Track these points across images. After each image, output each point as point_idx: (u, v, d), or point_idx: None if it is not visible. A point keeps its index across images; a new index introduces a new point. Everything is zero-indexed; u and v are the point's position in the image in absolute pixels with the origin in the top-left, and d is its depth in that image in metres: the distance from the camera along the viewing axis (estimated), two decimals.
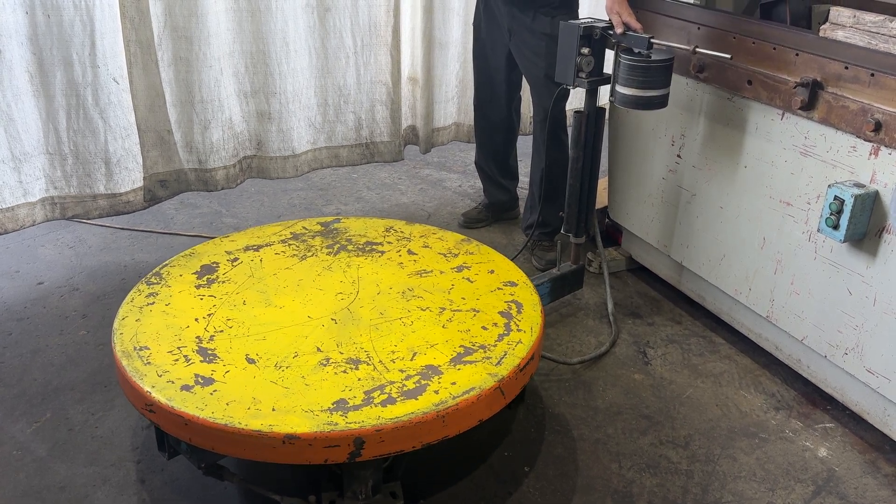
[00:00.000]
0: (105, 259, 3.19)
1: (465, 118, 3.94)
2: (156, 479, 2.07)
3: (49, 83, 2.76)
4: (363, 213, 3.67)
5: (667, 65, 2.35)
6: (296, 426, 1.63)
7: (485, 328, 2.02)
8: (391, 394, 1.74)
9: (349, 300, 2.12)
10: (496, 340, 1.97)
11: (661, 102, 2.41)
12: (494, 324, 2.04)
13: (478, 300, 2.15)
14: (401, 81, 3.58)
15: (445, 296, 2.17)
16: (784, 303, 2.43)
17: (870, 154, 2.09)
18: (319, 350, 1.89)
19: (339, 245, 2.41)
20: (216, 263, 2.27)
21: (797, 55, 2.24)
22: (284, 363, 1.84)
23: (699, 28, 2.56)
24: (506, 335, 1.99)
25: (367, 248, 2.40)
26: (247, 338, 1.93)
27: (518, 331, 2.02)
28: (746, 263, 2.54)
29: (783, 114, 2.32)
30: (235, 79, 3.20)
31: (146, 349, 1.86)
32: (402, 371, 1.82)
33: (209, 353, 1.86)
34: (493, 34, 3.11)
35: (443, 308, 2.10)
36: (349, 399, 1.72)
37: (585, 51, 2.43)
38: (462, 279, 2.26)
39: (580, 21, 2.46)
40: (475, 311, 2.10)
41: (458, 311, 2.09)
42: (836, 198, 2.09)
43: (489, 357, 1.90)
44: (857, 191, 2.06)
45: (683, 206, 2.76)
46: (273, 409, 1.68)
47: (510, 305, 2.13)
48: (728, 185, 2.56)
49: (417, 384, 1.78)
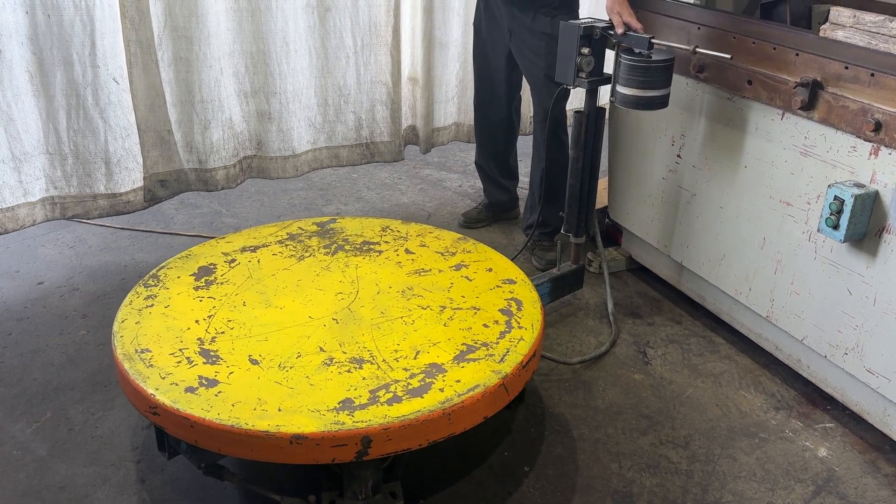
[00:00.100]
0: (105, 259, 3.19)
1: (466, 118, 3.93)
2: (156, 479, 2.07)
3: (49, 83, 2.76)
4: (363, 213, 3.67)
5: (667, 65, 2.35)
6: (303, 426, 1.63)
7: (486, 326, 2.03)
8: (396, 392, 1.74)
9: (349, 300, 2.12)
10: (498, 338, 1.98)
11: (662, 103, 2.41)
12: (495, 321, 2.05)
13: (477, 298, 2.16)
14: (401, 81, 3.58)
15: (445, 294, 2.17)
16: (784, 303, 2.43)
17: (870, 154, 2.09)
18: (322, 350, 1.89)
19: (337, 245, 2.41)
20: (213, 265, 2.27)
21: (797, 55, 2.24)
22: (288, 363, 1.84)
23: (699, 28, 2.56)
24: (507, 332, 2.00)
25: (365, 248, 2.40)
26: (249, 339, 1.93)
27: (519, 328, 2.02)
28: (746, 263, 2.54)
29: (783, 114, 2.32)
30: (236, 79, 3.20)
31: (148, 351, 1.86)
32: (407, 370, 1.83)
33: (212, 355, 1.86)
34: (494, 34, 3.10)
35: (443, 306, 2.11)
36: (355, 398, 1.72)
37: (585, 51, 2.43)
38: (461, 277, 2.26)
39: (580, 21, 2.47)
40: (475, 309, 2.10)
41: (459, 310, 2.09)
42: (836, 198, 2.09)
43: (492, 354, 1.90)
44: (857, 191, 2.06)
45: (683, 206, 2.76)
46: (279, 410, 1.68)
47: (510, 303, 2.14)
48: (728, 185, 2.56)
49: (422, 382, 1.78)
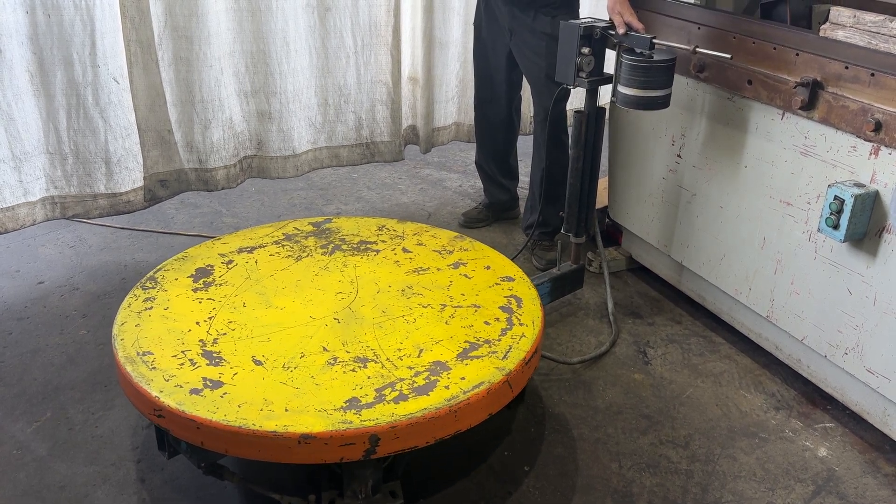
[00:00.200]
0: (105, 258, 3.19)
1: (466, 118, 3.94)
2: (156, 479, 2.07)
3: (49, 83, 2.76)
4: (364, 213, 3.67)
5: (669, 65, 2.35)
6: (311, 426, 1.63)
7: (487, 323, 2.04)
8: (402, 391, 1.75)
9: (350, 299, 2.12)
10: (500, 335, 1.99)
11: (664, 103, 2.41)
12: (496, 318, 2.06)
13: (477, 296, 2.16)
14: (401, 81, 3.58)
15: (445, 292, 2.17)
16: (784, 303, 2.43)
17: (870, 154, 2.09)
18: (326, 350, 1.89)
19: (334, 245, 2.41)
20: (211, 266, 2.26)
21: (797, 55, 2.24)
22: (292, 364, 1.84)
23: (699, 28, 2.56)
24: (509, 329, 2.01)
25: (362, 248, 2.40)
26: (251, 340, 1.93)
27: (520, 325, 2.04)
28: (746, 263, 2.54)
29: (783, 113, 2.32)
30: (236, 78, 3.20)
31: (150, 354, 1.85)
32: (411, 368, 1.84)
33: (215, 356, 1.85)
34: (494, 34, 3.11)
35: (444, 305, 2.11)
36: (361, 397, 1.72)
37: (586, 50, 2.43)
38: (459, 275, 2.27)
39: (581, 21, 2.46)
40: (476, 307, 2.11)
41: (460, 308, 2.10)
42: (837, 197, 2.09)
43: (495, 351, 1.92)
44: (858, 190, 2.06)
45: (683, 206, 2.76)
46: (286, 410, 1.68)
47: (510, 300, 2.15)
48: (728, 185, 2.56)
49: (427, 380, 1.79)
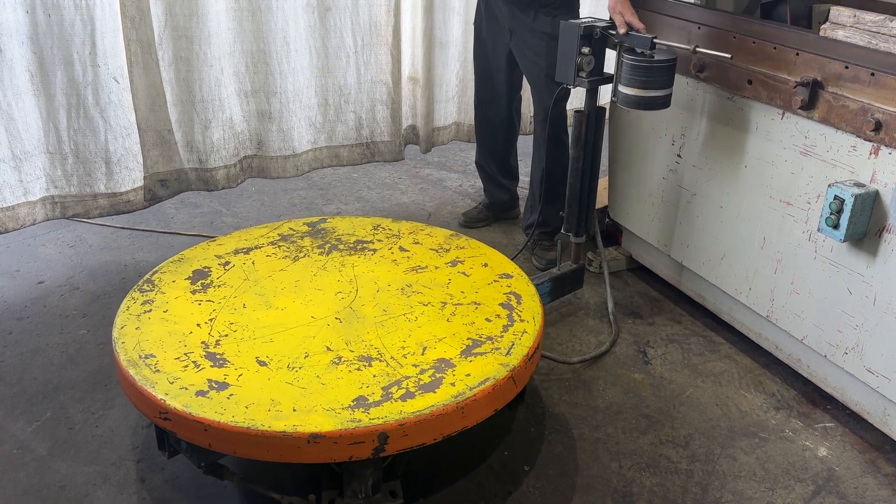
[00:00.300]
0: (105, 258, 3.19)
1: (466, 118, 3.94)
2: (156, 478, 2.07)
3: (49, 82, 2.76)
4: (364, 213, 3.67)
5: (670, 65, 2.35)
6: (319, 425, 1.63)
7: (488, 320, 2.05)
8: (409, 388, 1.76)
9: (350, 299, 2.12)
10: (502, 331, 2.00)
11: (664, 103, 2.41)
12: (497, 315, 2.07)
13: (476, 293, 2.17)
14: (401, 81, 3.58)
15: (444, 290, 2.18)
16: (784, 302, 2.43)
17: (870, 153, 2.09)
18: (329, 349, 1.90)
19: (330, 245, 2.41)
20: (208, 268, 2.26)
21: (797, 55, 2.24)
22: (297, 364, 1.84)
23: (699, 28, 2.56)
24: (510, 326, 2.02)
25: (359, 247, 2.40)
26: (254, 340, 1.93)
27: (521, 321, 2.05)
28: (746, 263, 2.54)
29: (783, 113, 2.32)
30: (236, 78, 3.20)
31: (152, 357, 1.84)
32: (416, 366, 1.84)
33: (218, 358, 1.85)
34: (494, 34, 3.11)
35: (444, 302, 2.12)
36: (368, 396, 1.73)
37: (586, 50, 2.43)
38: (458, 273, 2.27)
39: (581, 20, 2.46)
40: (476, 304, 2.12)
41: (460, 305, 2.11)
42: (837, 197, 2.09)
43: (498, 348, 1.93)
44: (858, 190, 2.06)
45: (684, 206, 2.76)
46: (294, 410, 1.68)
47: (509, 297, 2.16)
48: (728, 185, 2.56)
49: (433, 378, 1.80)
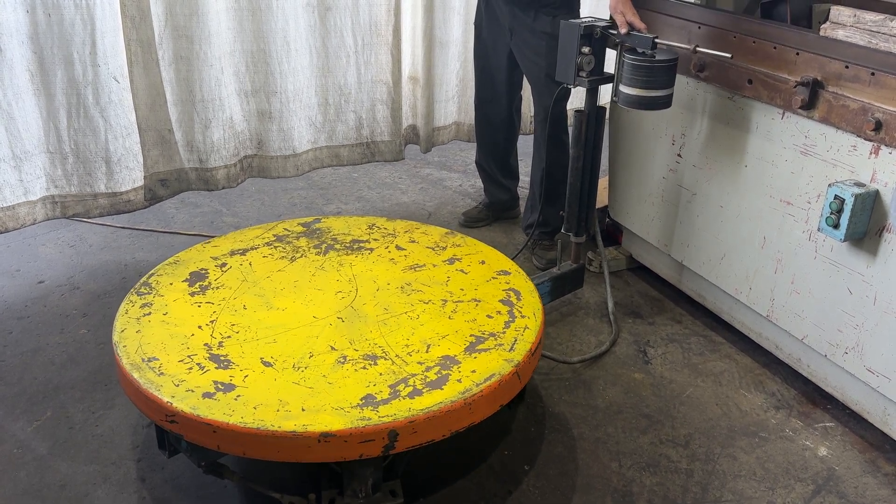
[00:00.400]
0: (106, 258, 3.19)
1: (466, 117, 3.94)
2: (156, 478, 2.07)
3: (50, 82, 2.76)
4: (364, 213, 3.67)
5: (671, 65, 2.35)
6: (329, 424, 1.63)
7: (490, 317, 2.06)
8: (416, 386, 1.77)
9: (350, 298, 2.12)
10: (504, 328, 2.01)
11: (665, 102, 2.41)
12: (498, 312, 2.08)
13: (476, 290, 2.18)
14: (401, 80, 3.58)
15: (444, 288, 2.19)
16: (784, 302, 2.43)
17: (870, 153, 2.09)
18: (334, 349, 1.90)
19: (327, 245, 2.41)
20: (205, 270, 2.25)
21: (798, 54, 2.24)
22: (302, 364, 1.84)
23: (700, 27, 2.56)
24: (512, 322, 2.03)
25: (355, 247, 2.40)
26: (257, 341, 1.92)
27: (522, 317, 2.06)
28: (747, 263, 2.54)
29: (783, 113, 2.32)
30: (236, 78, 3.20)
31: (155, 360, 1.84)
32: (421, 363, 1.85)
33: (222, 360, 1.85)
34: (495, 34, 3.10)
35: (445, 300, 2.13)
36: (376, 394, 1.74)
37: (586, 50, 2.43)
38: (456, 271, 2.28)
39: (581, 20, 2.46)
40: (476, 301, 2.13)
41: (461, 302, 2.12)
42: (837, 197, 2.09)
43: (501, 344, 1.94)
44: (858, 190, 2.06)
45: (684, 206, 2.76)
46: (303, 410, 1.68)
47: (508, 294, 2.17)
48: (728, 185, 2.56)
49: (439, 375, 1.81)
